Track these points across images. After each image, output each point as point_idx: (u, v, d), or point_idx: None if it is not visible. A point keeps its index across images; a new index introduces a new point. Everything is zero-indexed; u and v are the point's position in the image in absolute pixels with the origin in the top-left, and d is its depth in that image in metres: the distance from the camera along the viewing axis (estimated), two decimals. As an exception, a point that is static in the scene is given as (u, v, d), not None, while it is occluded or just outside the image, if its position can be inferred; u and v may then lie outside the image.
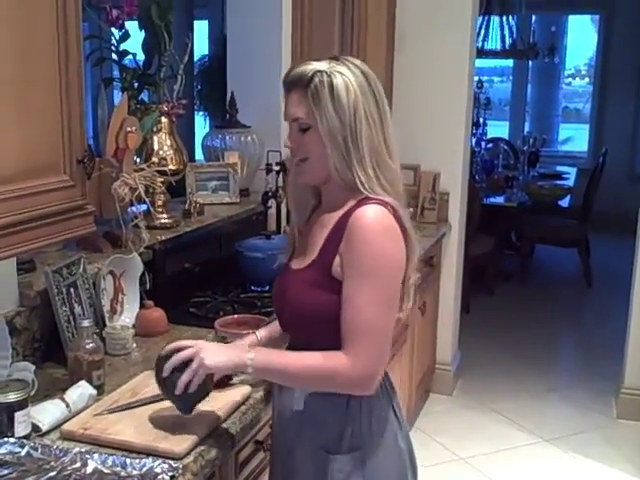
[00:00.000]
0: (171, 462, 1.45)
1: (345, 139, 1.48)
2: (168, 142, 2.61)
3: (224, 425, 1.66)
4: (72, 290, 2.01)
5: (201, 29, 7.19)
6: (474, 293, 5.36)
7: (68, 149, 1.56)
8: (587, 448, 3.61)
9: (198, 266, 2.54)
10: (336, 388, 1.54)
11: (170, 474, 1.40)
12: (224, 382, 1.75)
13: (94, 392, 1.73)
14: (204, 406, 1.66)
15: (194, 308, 2.39)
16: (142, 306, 2.26)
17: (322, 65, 1.50)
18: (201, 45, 6.94)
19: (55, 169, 1.54)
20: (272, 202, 3.14)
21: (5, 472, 1.44)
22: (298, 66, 1.53)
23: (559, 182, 6.65)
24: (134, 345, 2.10)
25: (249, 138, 3.25)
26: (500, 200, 5.81)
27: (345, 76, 1.48)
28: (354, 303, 1.48)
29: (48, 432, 1.60)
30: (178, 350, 1.54)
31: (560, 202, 6.43)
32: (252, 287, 2.60)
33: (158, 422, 1.61)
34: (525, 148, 6.84)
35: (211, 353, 1.52)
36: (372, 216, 1.48)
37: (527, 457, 3.54)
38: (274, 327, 1.78)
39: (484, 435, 3.69)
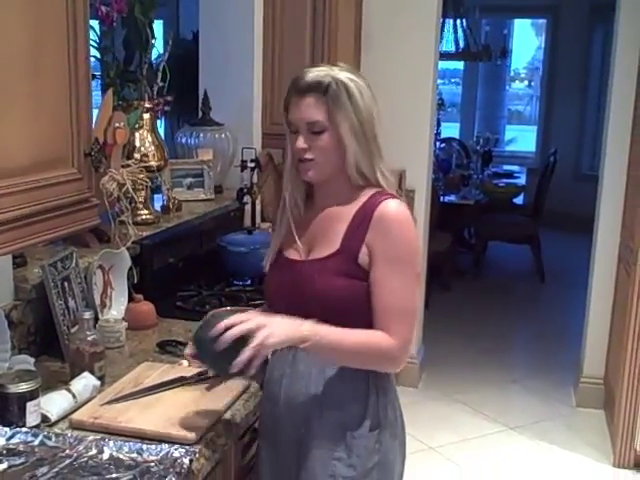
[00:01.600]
0: (187, 447, 1.48)
1: (365, 138, 1.61)
2: (149, 138, 2.63)
3: (229, 413, 1.70)
4: (66, 284, 2.02)
5: (157, 28, 7.14)
6: (431, 289, 5.47)
7: (77, 142, 1.58)
8: (550, 435, 3.74)
9: (181, 261, 2.57)
10: (378, 365, 1.64)
11: (188, 458, 1.44)
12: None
13: (98, 383, 1.75)
14: (210, 396, 1.71)
15: (180, 302, 2.42)
16: (131, 300, 2.28)
17: (334, 71, 1.60)
18: (157, 44, 6.89)
19: (64, 162, 1.56)
20: (247, 198, 3.18)
21: (19, 461, 1.46)
22: (310, 71, 1.61)
23: (512, 181, 6.84)
24: (125, 338, 2.12)
25: (223, 135, 3.28)
26: (457, 198, 5.94)
27: (355, 82, 1.61)
28: (392, 287, 1.60)
29: (56, 422, 1.62)
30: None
31: (514, 200, 6.60)
32: (235, 281, 2.63)
33: (166, 410, 1.65)
34: (478, 148, 7.01)
35: (274, 331, 1.49)
36: (398, 209, 1.62)
37: (494, 444, 3.66)
38: (265, 310, 1.83)
39: (451, 425, 3.80)
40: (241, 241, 2.67)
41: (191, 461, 1.44)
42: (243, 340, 1.45)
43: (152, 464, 1.44)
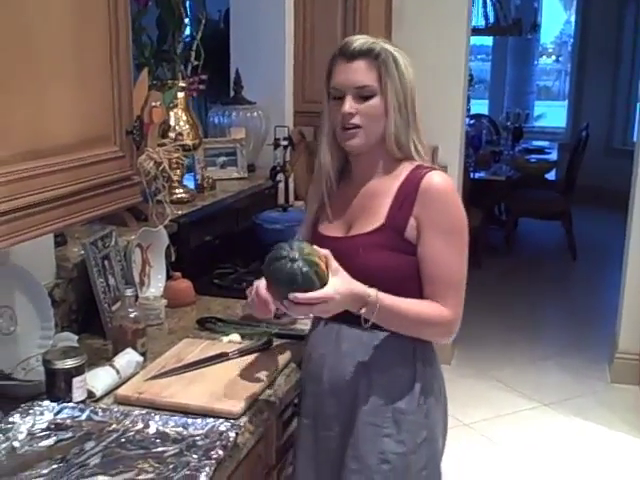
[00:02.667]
0: (232, 421, 1.50)
1: (406, 110, 1.62)
2: (184, 117, 2.64)
3: (271, 389, 1.71)
4: (106, 262, 2.04)
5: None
6: (463, 266, 5.45)
7: (119, 121, 1.59)
8: (584, 411, 3.73)
9: (217, 239, 2.58)
10: (431, 335, 1.65)
11: (234, 431, 1.45)
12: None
13: (141, 359, 1.77)
14: (252, 371, 1.72)
15: (217, 279, 2.44)
16: (170, 278, 2.30)
17: (384, 43, 1.63)
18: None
19: (107, 140, 1.57)
20: (280, 176, 3.18)
21: (68, 435, 1.49)
22: (359, 39, 1.61)
23: (543, 156, 6.76)
24: (164, 315, 2.14)
25: (255, 114, 3.28)
26: (488, 175, 5.89)
27: (401, 53, 1.64)
28: (444, 259, 1.60)
29: (101, 398, 1.65)
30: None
31: (546, 176, 6.53)
32: (270, 259, 2.64)
33: (208, 385, 1.67)
34: (508, 124, 6.94)
35: (337, 305, 1.49)
36: (444, 180, 1.63)
37: (528, 421, 3.65)
38: None
39: (485, 401, 3.80)
40: (276, 218, 2.67)
41: (237, 434, 1.46)
42: (317, 277, 1.44)
43: (198, 437, 1.46)
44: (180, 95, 2.60)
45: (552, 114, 10.56)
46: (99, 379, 1.66)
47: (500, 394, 3.90)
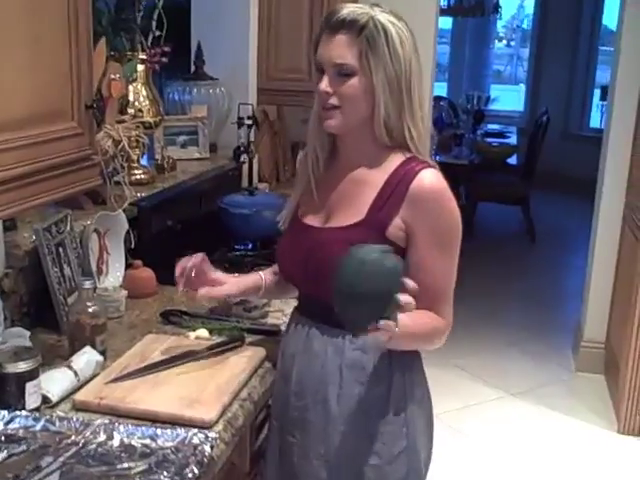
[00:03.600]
0: (206, 432, 1.35)
1: (399, 90, 1.44)
2: (144, 92, 2.45)
3: (245, 391, 1.57)
4: (60, 249, 1.86)
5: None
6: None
7: (77, 93, 1.42)
8: (552, 401, 3.67)
9: (179, 224, 2.41)
10: (427, 345, 1.53)
11: (209, 444, 1.30)
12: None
13: (101, 358, 1.60)
14: (223, 372, 1.58)
15: (180, 268, 2.27)
16: (129, 266, 2.12)
17: (375, 11, 1.43)
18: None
19: (64, 115, 1.40)
20: (244, 157, 3.02)
21: (21, 449, 1.32)
22: (345, 7, 1.44)
23: (505, 140, 6.70)
24: (124, 308, 1.97)
25: (217, 91, 3.10)
26: (449, 158, 5.79)
27: (398, 27, 1.44)
28: (437, 268, 1.48)
29: (58, 403, 1.48)
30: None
31: (507, 160, 6.48)
32: (236, 245, 2.48)
33: (177, 389, 1.51)
34: (469, 107, 6.85)
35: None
36: (435, 181, 1.46)
37: (495, 411, 3.58)
38: (276, 273, 1.73)
39: (452, 391, 3.71)
40: (243, 202, 2.51)
41: (212, 448, 1.31)
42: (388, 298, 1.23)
43: (168, 451, 1.30)
44: (140, 68, 2.41)
45: (505, 98, 10.54)
46: (55, 382, 1.48)
47: (466, 384, 3.82)
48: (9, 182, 1.24)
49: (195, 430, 1.34)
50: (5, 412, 1.37)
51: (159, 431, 1.33)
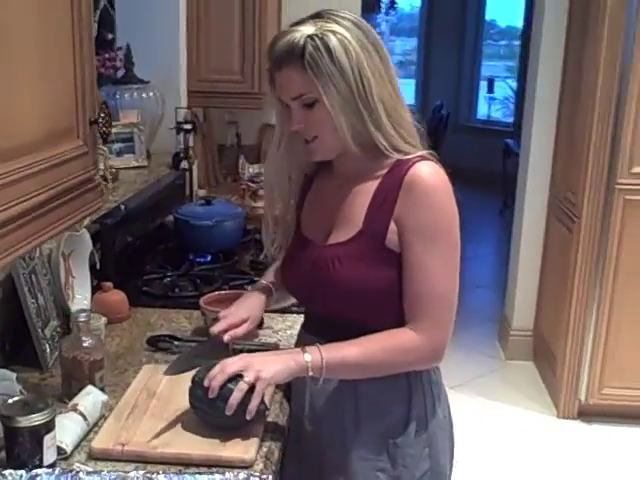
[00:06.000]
0: (247, 471, 1.24)
1: (356, 105, 1.32)
2: (90, 99, 2.26)
3: (270, 418, 1.46)
4: (33, 277, 1.68)
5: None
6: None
7: (82, 108, 1.26)
8: (490, 391, 3.74)
9: (137, 239, 2.25)
10: (409, 367, 1.42)
11: (266, 486, 1.20)
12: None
13: (105, 398, 1.46)
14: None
15: (147, 287, 2.12)
16: (97, 289, 1.96)
17: (309, 28, 1.31)
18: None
19: (71, 133, 1.24)
20: (184, 163, 2.88)
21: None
22: (282, 36, 1.33)
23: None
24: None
25: (150, 94, 2.93)
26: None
27: (339, 34, 1.30)
28: (427, 272, 1.35)
29: (72, 453, 1.32)
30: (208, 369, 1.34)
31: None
32: (196, 258, 2.35)
33: (199, 425, 1.38)
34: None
35: (264, 363, 1.32)
36: (432, 175, 1.35)
37: (438, 406, 3.60)
38: (276, 278, 1.63)
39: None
40: (201, 213, 2.38)
41: (268, 490, 1.20)
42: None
43: (221, 498, 1.19)
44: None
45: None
46: (66, 430, 1.32)
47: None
48: (27, 214, 1.09)
49: (244, 473, 1.23)
50: (22, 472, 1.20)
51: (207, 477, 1.21)
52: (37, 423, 1.22)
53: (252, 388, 1.30)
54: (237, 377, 1.30)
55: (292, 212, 1.55)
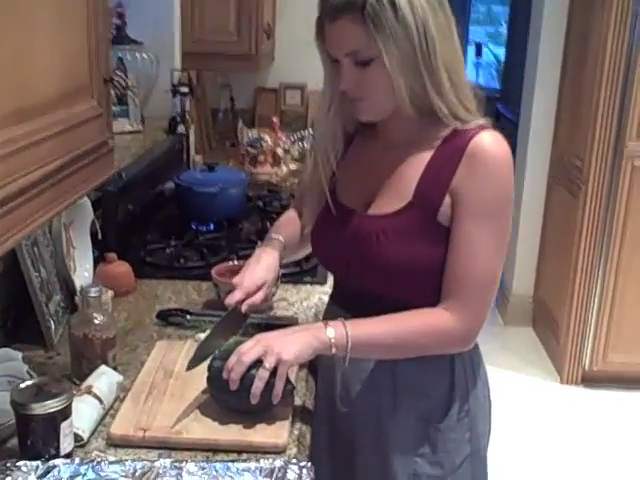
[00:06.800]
0: (281, 456, 1.15)
1: (417, 66, 1.20)
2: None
3: (297, 399, 1.37)
4: (35, 249, 1.57)
5: None
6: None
7: (96, 66, 1.14)
8: (491, 357, 3.54)
9: (138, 208, 2.14)
10: (441, 350, 1.32)
11: (309, 470, 1.11)
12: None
13: (120, 378, 1.36)
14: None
15: (150, 257, 2.01)
16: (100, 260, 1.85)
17: None
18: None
19: (85, 92, 1.13)
20: (181, 128, 2.76)
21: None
22: None
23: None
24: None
25: (144, 55, 2.78)
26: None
27: None
28: (476, 250, 1.24)
29: (89, 440, 1.23)
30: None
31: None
32: (198, 226, 2.24)
33: (225, 410, 1.29)
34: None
35: (284, 344, 1.22)
36: (496, 147, 1.25)
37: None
38: (292, 230, 1.54)
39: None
40: (204, 180, 2.27)
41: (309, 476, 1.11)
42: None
43: (257, 487, 1.10)
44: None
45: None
46: (82, 415, 1.22)
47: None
48: (47, 179, 0.98)
49: (281, 461, 1.14)
50: (38, 463, 1.11)
51: (239, 465, 1.12)
52: (53, 410, 1.12)
53: (274, 370, 1.21)
54: (257, 362, 1.21)
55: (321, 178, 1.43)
